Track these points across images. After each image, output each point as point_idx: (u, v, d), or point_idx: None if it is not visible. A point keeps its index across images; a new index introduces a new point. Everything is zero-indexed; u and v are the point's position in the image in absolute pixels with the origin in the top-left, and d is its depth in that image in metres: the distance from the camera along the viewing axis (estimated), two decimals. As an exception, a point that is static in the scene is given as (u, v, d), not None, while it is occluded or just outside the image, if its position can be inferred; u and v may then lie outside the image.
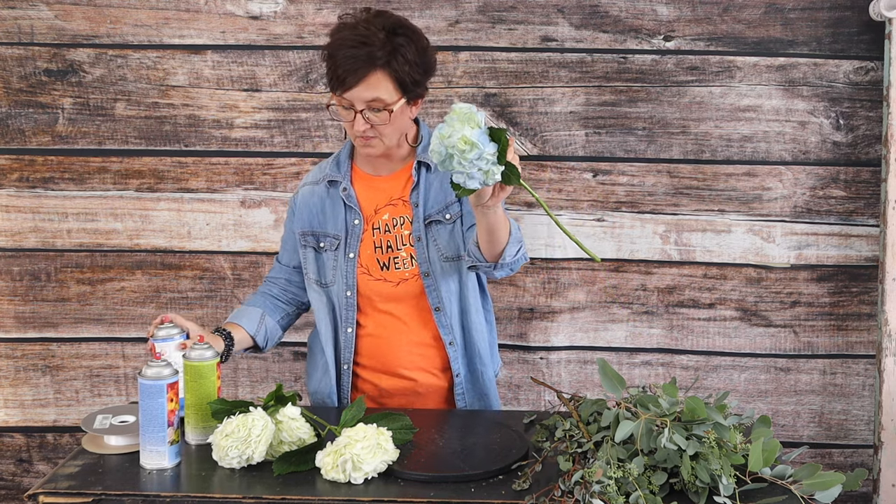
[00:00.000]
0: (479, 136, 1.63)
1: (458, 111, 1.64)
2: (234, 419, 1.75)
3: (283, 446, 1.77)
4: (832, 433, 2.92)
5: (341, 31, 2.02)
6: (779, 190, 2.83)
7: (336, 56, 1.99)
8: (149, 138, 2.85)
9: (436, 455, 1.82)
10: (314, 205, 2.19)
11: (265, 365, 2.92)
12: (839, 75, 2.79)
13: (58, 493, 1.66)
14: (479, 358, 2.18)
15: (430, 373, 2.17)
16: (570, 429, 1.79)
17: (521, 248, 2.02)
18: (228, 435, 1.72)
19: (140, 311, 2.90)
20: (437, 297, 2.13)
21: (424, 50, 2.05)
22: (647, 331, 2.89)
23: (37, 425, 2.96)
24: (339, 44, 2.00)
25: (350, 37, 1.99)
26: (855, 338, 2.88)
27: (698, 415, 1.65)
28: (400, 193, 2.15)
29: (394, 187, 2.16)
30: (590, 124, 2.83)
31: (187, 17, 2.82)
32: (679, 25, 2.79)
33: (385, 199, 2.15)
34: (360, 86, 1.98)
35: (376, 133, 2.03)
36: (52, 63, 2.83)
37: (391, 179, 2.16)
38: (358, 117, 2.01)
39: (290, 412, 1.79)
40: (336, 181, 2.18)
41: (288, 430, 1.78)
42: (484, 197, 1.77)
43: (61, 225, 2.88)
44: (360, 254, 2.14)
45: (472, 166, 1.63)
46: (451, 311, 2.15)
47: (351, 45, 1.97)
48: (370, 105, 2.00)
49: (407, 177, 2.15)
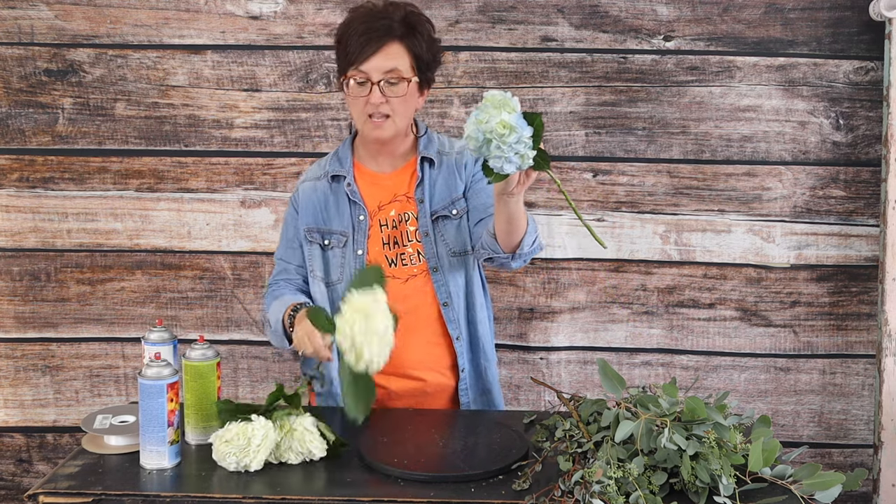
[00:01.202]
0: (517, 119, 1.66)
1: (491, 98, 1.66)
2: (234, 426, 1.74)
3: (289, 453, 1.76)
4: (832, 433, 2.92)
5: (357, 12, 2.07)
6: (779, 190, 2.83)
7: (354, 30, 2.02)
8: (149, 138, 2.85)
9: (436, 455, 1.82)
10: (318, 201, 2.17)
11: (265, 365, 2.92)
12: (839, 75, 2.79)
13: (58, 493, 1.66)
14: (483, 353, 2.20)
15: (438, 372, 2.17)
16: (570, 429, 1.79)
17: (538, 239, 2.04)
18: (228, 441, 1.72)
19: (140, 311, 2.90)
20: (445, 292, 2.14)
21: (435, 37, 2.11)
22: (647, 331, 2.89)
23: (37, 425, 2.96)
24: (356, 20, 2.04)
25: (367, 14, 2.05)
26: (855, 338, 2.88)
27: (698, 415, 1.65)
28: (404, 190, 2.16)
29: (398, 184, 2.16)
30: (590, 124, 2.83)
31: (187, 17, 2.82)
32: (679, 25, 2.79)
33: (389, 196, 2.15)
34: (379, 55, 2.01)
35: (390, 111, 2.04)
36: (52, 63, 2.83)
37: (394, 176, 2.17)
38: (374, 89, 2.01)
39: (306, 423, 1.78)
40: (339, 176, 2.16)
41: (300, 440, 1.76)
42: (511, 184, 1.78)
43: (61, 225, 2.88)
44: (369, 250, 2.14)
45: (510, 150, 1.65)
46: (459, 306, 2.16)
47: (369, 19, 2.03)
48: (387, 77, 2.02)
49: (410, 173, 2.16)
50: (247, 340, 2.92)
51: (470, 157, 2.19)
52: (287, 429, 1.77)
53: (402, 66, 2.03)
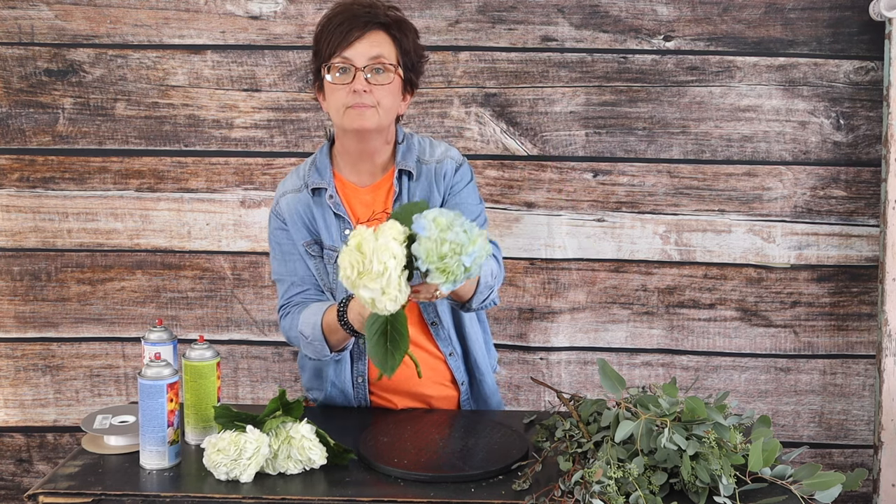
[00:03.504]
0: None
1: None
2: (227, 436, 1.70)
3: (289, 462, 1.73)
4: (832, 433, 2.92)
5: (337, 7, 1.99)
6: (779, 190, 2.83)
7: (335, 21, 1.95)
8: (149, 138, 2.85)
9: (436, 455, 1.82)
10: (304, 213, 2.07)
11: (265, 365, 2.92)
12: (839, 75, 2.79)
13: (58, 493, 1.66)
14: (476, 368, 2.17)
15: (441, 384, 2.15)
16: (570, 429, 1.79)
17: (491, 295, 1.98)
18: (220, 450, 1.70)
19: (140, 310, 2.90)
20: (432, 312, 2.09)
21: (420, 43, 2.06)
22: (647, 331, 2.89)
23: (37, 425, 2.96)
24: (337, 13, 1.97)
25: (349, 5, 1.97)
26: (855, 338, 2.88)
27: (698, 415, 1.65)
28: (382, 206, 2.06)
29: (376, 199, 2.07)
30: (590, 124, 2.83)
31: (187, 17, 2.82)
32: (679, 25, 2.79)
33: (367, 213, 2.06)
34: (364, 41, 1.93)
35: (374, 101, 1.94)
36: (52, 63, 2.83)
37: (372, 191, 2.07)
38: (358, 75, 1.92)
39: (303, 430, 1.74)
40: (321, 188, 2.07)
41: (299, 448, 1.72)
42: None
43: (62, 225, 2.88)
44: None
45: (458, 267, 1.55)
46: (447, 324, 2.11)
47: (351, 9, 1.96)
48: (372, 63, 1.94)
49: (388, 187, 2.06)
50: (247, 340, 2.92)
51: (450, 166, 2.07)
52: (284, 437, 1.73)
53: (387, 53, 1.95)
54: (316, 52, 2.01)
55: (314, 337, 1.98)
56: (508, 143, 2.83)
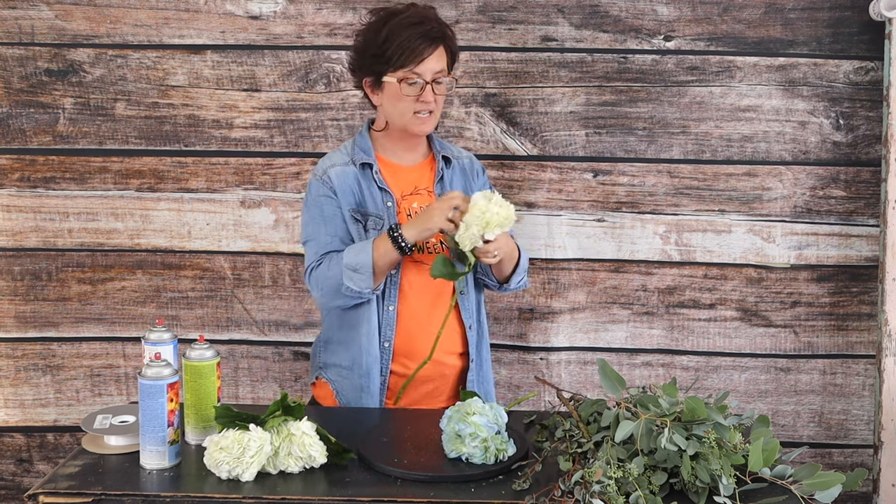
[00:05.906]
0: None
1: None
2: (230, 434, 1.71)
3: (290, 459, 1.74)
4: (832, 433, 2.92)
5: (397, 15, 2.15)
6: (779, 190, 2.83)
7: (406, 32, 2.12)
8: (149, 138, 2.85)
9: (436, 455, 1.82)
10: (353, 184, 2.22)
11: (265, 364, 2.92)
12: (839, 75, 2.79)
13: (58, 493, 1.66)
14: (485, 345, 2.31)
15: (454, 355, 2.24)
16: (570, 429, 1.79)
17: (525, 279, 2.28)
18: (223, 449, 1.70)
19: (140, 310, 2.90)
20: (462, 281, 2.22)
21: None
22: (647, 331, 2.89)
23: (37, 425, 2.96)
24: (405, 23, 2.13)
25: (413, 16, 2.15)
26: (855, 338, 2.88)
27: (698, 415, 1.65)
28: (425, 184, 2.26)
29: (419, 177, 2.26)
30: (590, 124, 2.83)
31: (187, 17, 2.82)
32: (679, 25, 2.79)
33: (411, 188, 2.25)
34: (433, 57, 2.14)
35: (434, 107, 2.17)
36: (52, 63, 2.83)
37: (415, 169, 2.27)
38: (429, 88, 2.14)
39: (304, 427, 1.75)
40: (368, 163, 2.23)
41: (300, 444, 1.73)
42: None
43: (62, 224, 2.88)
44: None
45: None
46: (471, 297, 2.26)
47: (418, 21, 2.13)
48: (436, 77, 2.15)
49: (429, 168, 2.28)
50: (247, 340, 2.92)
51: (478, 166, 2.37)
52: (285, 434, 1.74)
53: (445, 66, 2.18)
54: (379, 55, 2.14)
55: (361, 264, 2.10)
56: (508, 143, 2.83)
